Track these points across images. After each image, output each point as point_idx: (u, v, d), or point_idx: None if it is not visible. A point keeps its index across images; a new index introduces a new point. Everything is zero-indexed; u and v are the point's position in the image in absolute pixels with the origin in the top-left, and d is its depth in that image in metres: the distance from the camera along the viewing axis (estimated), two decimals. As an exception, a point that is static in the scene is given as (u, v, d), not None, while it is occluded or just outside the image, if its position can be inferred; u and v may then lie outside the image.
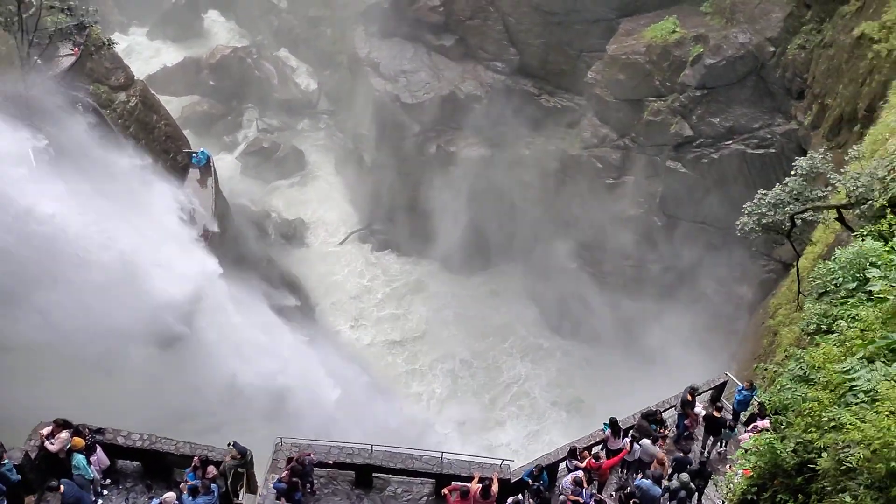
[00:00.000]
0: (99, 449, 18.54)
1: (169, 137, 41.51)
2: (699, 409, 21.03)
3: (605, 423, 20.39)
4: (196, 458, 18.32)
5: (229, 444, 19.21)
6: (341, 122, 62.83)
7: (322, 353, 37.47)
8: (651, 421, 20.24)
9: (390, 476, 20.74)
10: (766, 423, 17.09)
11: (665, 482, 17.93)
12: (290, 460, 19.36)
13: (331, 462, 20.16)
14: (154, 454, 19.63)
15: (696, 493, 18.25)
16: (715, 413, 20.58)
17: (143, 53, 72.22)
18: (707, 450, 21.19)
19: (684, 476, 17.63)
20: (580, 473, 18.10)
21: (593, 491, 18.64)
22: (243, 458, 19.07)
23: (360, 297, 53.28)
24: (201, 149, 43.98)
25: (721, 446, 21.48)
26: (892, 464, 7.96)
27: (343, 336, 50.14)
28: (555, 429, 44.55)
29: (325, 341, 43.16)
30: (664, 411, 21.70)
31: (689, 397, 20.97)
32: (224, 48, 68.59)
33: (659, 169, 42.23)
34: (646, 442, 19.21)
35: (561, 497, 18.06)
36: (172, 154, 41.04)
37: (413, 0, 50.85)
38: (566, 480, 18.05)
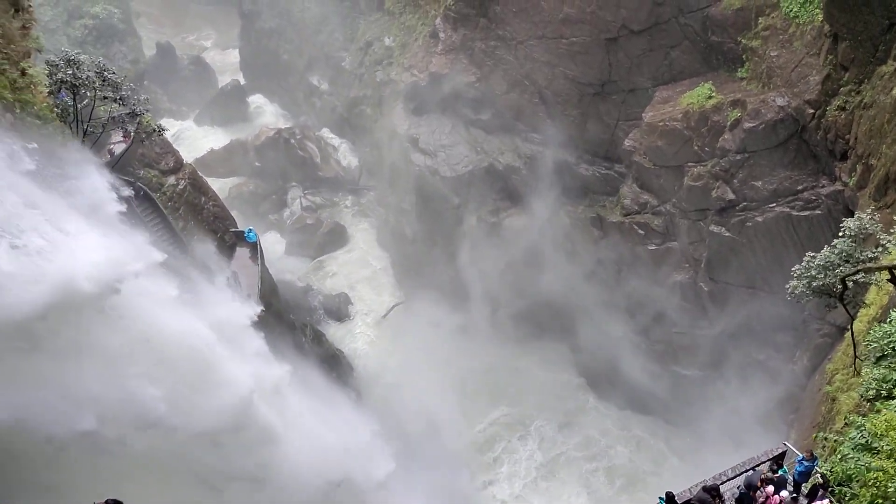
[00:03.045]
0: None
1: (217, 218, 42.58)
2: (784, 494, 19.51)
3: (660, 498, 19.73)
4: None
5: None
6: (383, 196, 63.83)
7: (369, 425, 37.42)
8: (713, 495, 19.45)
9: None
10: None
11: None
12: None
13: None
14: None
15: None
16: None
17: (192, 138, 74.88)
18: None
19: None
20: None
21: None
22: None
23: (405, 369, 53.08)
24: (249, 228, 45.02)
25: None
26: (968, 537, 7.58)
27: (389, 407, 49.83)
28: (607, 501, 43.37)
29: (372, 413, 43.08)
30: (721, 484, 20.92)
31: (760, 483, 19.92)
32: (268, 130, 70.84)
33: (703, 234, 41.87)
34: None
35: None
36: (220, 234, 42.00)
37: (451, 77, 51.98)
38: None
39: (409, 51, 56.89)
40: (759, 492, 19.47)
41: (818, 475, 18.64)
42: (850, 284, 22.36)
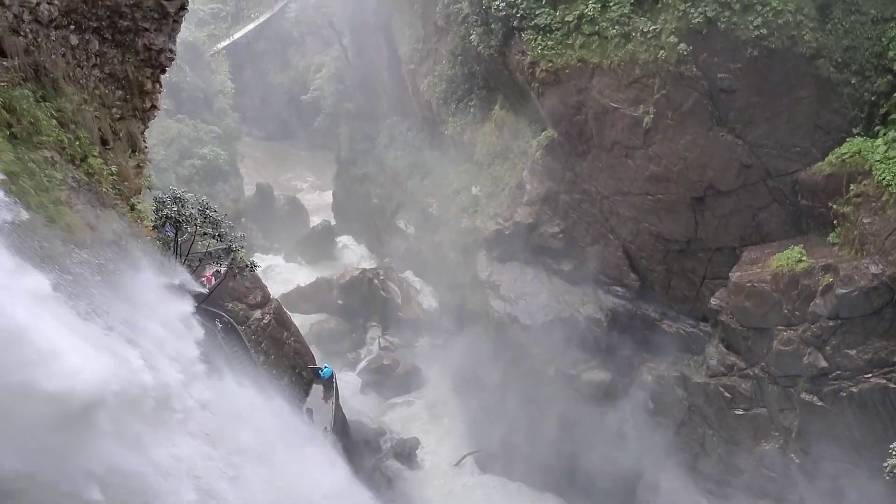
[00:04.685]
0: None
1: (297, 353, 43.27)
2: None
3: None
4: None
5: None
6: (461, 341, 63.76)
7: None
8: None
9: None
10: None
11: None
12: None
13: None
14: None
15: None
16: None
17: (281, 273, 77.56)
18: None
19: None
20: None
21: None
22: None
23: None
24: (326, 365, 45.46)
25: None
26: None
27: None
28: None
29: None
30: None
31: None
32: (353, 269, 72.84)
33: (794, 401, 39.94)
34: None
35: None
36: (298, 369, 42.52)
37: (535, 227, 52.79)
38: None
39: (495, 200, 58.30)
40: None
41: None
42: (958, 469, 20.77)
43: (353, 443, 46.50)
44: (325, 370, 44.61)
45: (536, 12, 46.89)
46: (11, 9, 17.96)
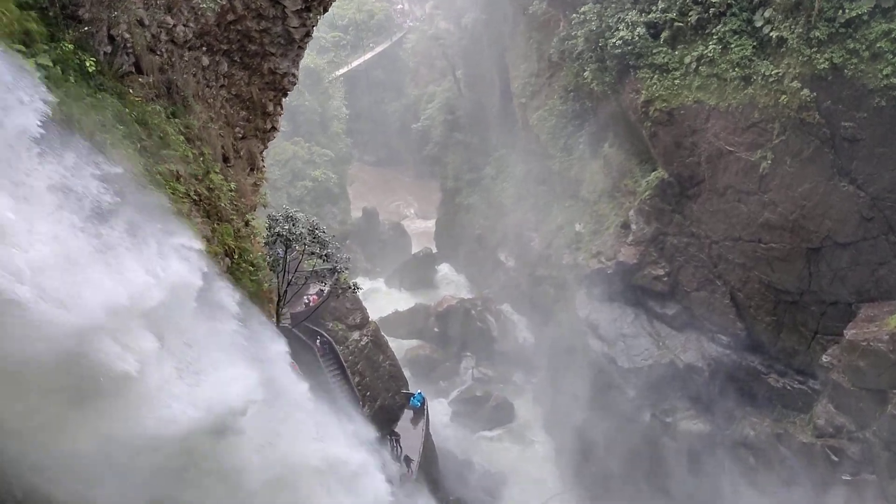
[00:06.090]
0: None
1: (391, 377, 43.73)
2: None
3: None
4: None
5: None
6: (555, 378, 62.89)
7: None
8: None
9: None
10: None
11: None
12: None
13: None
14: None
15: None
16: None
17: (380, 297, 78.66)
18: None
19: None
20: None
21: None
22: None
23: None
24: (418, 391, 45.70)
25: None
26: None
27: None
28: None
29: None
30: None
31: None
32: (451, 298, 73.15)
33: (907, 471, 37.49)
34: None
35: None
36: (392, 393, 42.91)
37: (639, 268, 51.74)
38: None
39: (598, 238, 57.55)
40: None
41: None
42: None
43: (439, 471, 46.43)
44: (416, 396, 44.88)
45: (653, 51, 46.39)
46: (150, 29, 19.09)
